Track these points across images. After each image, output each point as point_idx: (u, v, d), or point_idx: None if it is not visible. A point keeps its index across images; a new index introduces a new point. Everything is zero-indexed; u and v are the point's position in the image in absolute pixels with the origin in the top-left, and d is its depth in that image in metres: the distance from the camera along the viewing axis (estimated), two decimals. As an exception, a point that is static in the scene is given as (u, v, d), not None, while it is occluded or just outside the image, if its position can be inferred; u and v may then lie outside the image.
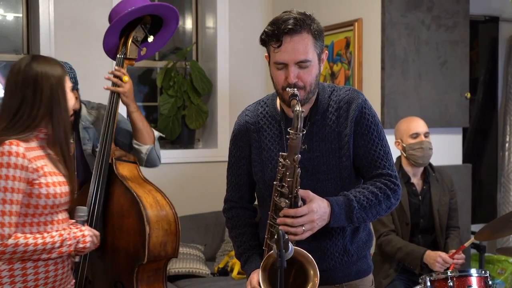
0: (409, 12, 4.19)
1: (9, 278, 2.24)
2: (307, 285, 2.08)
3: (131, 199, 3.12)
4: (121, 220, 3.15)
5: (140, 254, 3.06)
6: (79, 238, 2.36)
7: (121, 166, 3.25)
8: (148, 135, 3.31)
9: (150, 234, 3.06)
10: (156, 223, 3.10)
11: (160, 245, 3.10)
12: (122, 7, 3.26)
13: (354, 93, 2.28)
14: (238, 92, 5.15)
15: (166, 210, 3.19)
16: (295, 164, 2.08)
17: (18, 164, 2.19)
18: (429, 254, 3.54)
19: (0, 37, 4.73)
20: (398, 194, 2.27)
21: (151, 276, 3.19)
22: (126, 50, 3.28)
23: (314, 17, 2.19)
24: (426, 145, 3.68)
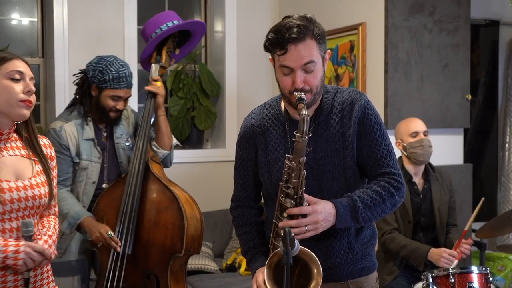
0: (411, 16, 4.19)
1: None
2: (311, 284, 2.08)
3: (170, 195, 3.24)
4: (158, 215, 3.27)
5: (177, 247, 3.18)
6: (8, 254, 2.06)
7: (154, 165, 3.36)
8: (169, 140, 3.51)
9: (187, 228, 3.20)
10: (190, 219, 3.25)
11: (192, 240, 3.25)
12: (159, 20, 3.58)
13: (357, 95, 2.28)
14: (246, 94, 5.15)
15: (195, 209, 3.34)
16: (301, 166, 2.07)
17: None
18: (434, 251, 3.53)
19: (16, 41, 4.74)
20: (402, 192, 2.26)
21: (178, 271, 3.29)
22: (161, 59, 3.55)
23: (315, 20, 2.18)
24: (426, 143, 3.69)
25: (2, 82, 2.15)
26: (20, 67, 2.19)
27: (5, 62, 2.17)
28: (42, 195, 2.21)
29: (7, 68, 2.16)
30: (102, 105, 3.36)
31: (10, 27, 4.77)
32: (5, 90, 2.15)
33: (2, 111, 2.16)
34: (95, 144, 3.39)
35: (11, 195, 2.11)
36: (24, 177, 2.19)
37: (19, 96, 2.15)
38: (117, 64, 3.34)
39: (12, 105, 2.15)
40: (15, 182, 2.15)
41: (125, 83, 3.34)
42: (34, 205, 2.19)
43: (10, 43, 4.61)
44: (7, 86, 2.15)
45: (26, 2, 4.77)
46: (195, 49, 5.25)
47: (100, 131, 3.45)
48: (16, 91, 2.15)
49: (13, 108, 2.16)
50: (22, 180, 2.17)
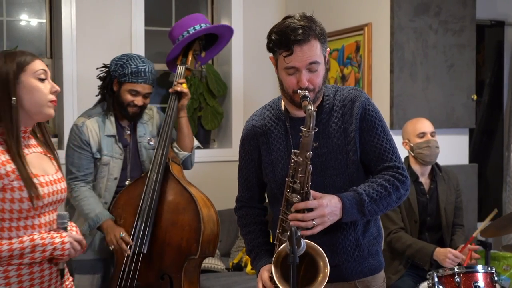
0: (417, 17, 4.18)
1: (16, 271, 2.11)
2: (318, 277, 2.08)
3: (188, 197, 3.23)
4: (176, 216, 3.26)
5: (192, 249, 3.16)
6: (57, 245, 2.11)
7: (175, 166, 3.35)
8: (190, 141, 3.52)
9: (204, 231, 3.19)
10: (207, 222, 3.23)
11: (208, 242, 3.23)
12: (186, 22, 3.60)
13: (357, 92, 2.30)
14: (252, 94, 5.15)
15: (212, 211, 3.34)
16: (307, 161, 2.09)
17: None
18: (439, 251, 3.53)
19: (25, 42, 4.75)
20: (406, 185, 2.26)
21: (192, 272, 3.28)
22: (187, 62, 3.58)
23: (315, 19, 2.20)
24: (433, 144, 3.68)
25: (31, 83, 2.14)
26: (44, 66, 2.20)
27: (30, 62, 2.16)
28: (64, 189, 2.27)
29: (33, 68, 2.16)
30: (121, 99, 3.40)
31: (19, 28, 4.79)
32: (35, 91, 2.15)
33: (31, 111, 2.16)
34: (116, 141, 3.41)
35: (48, 189, 2.16)
36: (50, 173, 2.23)
37: (48, 96, 2.17)
38: (138, 60, 3.40)
39: (42, 105, 2.16)
40: (48, 176, 2.20)
41: (143, 78, 3.36)
42: (61, 199, 2.25)
43: (19, 44, 4.62)
44: (36, 86, 2.15)
45: (34, 4, 4.79)
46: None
47: (122, 128, 3.47)
48: (45, 92, 2.16)
49: (42, 109, 2.17)
50: (49, 175, 2.21)
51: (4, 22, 4.69)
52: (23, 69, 2.13)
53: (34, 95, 2.14)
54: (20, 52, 2.18)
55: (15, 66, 2.12)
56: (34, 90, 2.14)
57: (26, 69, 2.14)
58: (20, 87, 2.13)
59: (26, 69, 2.14)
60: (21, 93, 2.13)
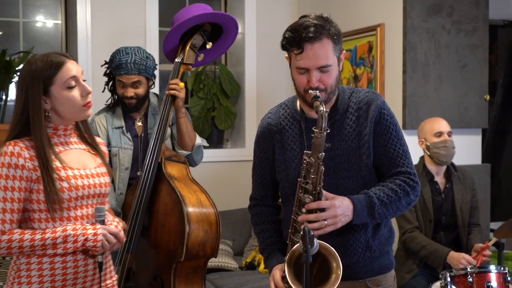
0: (430, 17, 4.16)
1: (26, 272, 2.16)
2: (330, 277, 2.08)
3: (175, 198, 3.13)
4: (165, 218, 3.18)
5: (178, 252, 3.07)
6: (88, 236, 2.15)
7: (170, 166, 3.29)
8: (190, 140, 3.43)
9: (190, 233, 3.06)
10: (196, 223, 3.10)
11: (199, 244, 3.10)
12: (184, 13, 3.36)
13: (373, 95, 2.28)
14: (265, 94, 5.15)
15: (209, 211, 3.19)
16: (319, 162, 2.08)
17: (12, 164, 2.12)
18: (453, 255, 3.50)
19: (41, 43, 4.78)
20: (417, 191, 2.26)
21: (190, 273, 3.20)
22: (184, 56, 3.36)
23: (331, 20, 2.19)
24: (449, 144, 3.66)
25: (63, 94, 2.19)
26: (72, 71, 2.21)
27: (58, 71, 2.18)
28: (106, 184, 2.31)
29: (62, 78, 2.18)
30: (117, 93, 3.42)
31: (35, 29, 4.82)
32: (67, 101, 2.19)
33: (67, 116, 2.23)
34: (124, 132, 3.41)
35: (82, 182, 2.21)
36: (89, 167, 2.28)
37: (80, 103, 2.21)
38: (123, 52, 3.35)
39: (76, 111, 2.23)
40: (84, 170, 2.24)
41: (125, 70, 3.31)
42: (100, 193, 2.28)
43: (35, 45, 4.65)
44: (67, 97, 2.19)
45: (50, 5, 4.81)
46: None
47: (132, 119, 3.47)
48: (77, 100, 2.20)
49: (77, 114, 2.24)
50: (86, 169, 2.26)
51: (20, 23, 4.72)
52: (51, 82, 2.17)
53: (66, 105, 2.20)
54: (47, 62, 2.19)
55: (43, 81, 2.16)
56: (65, 100, 2.19)
57: (54, 81, 2.18)
58: (52, 99, 2.19)
59: (54, 81, 2.18)
60: (54, 104, 2.19)
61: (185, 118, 3.41)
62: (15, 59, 4.46)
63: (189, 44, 3.35)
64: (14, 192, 2.12)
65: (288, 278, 2.07)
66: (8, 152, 2.14)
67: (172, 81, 3.34)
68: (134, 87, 3.36)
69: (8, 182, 2.12)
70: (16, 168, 2.12)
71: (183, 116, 3.39)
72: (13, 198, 2.12)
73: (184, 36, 3.38)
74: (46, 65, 2.17)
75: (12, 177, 2.12)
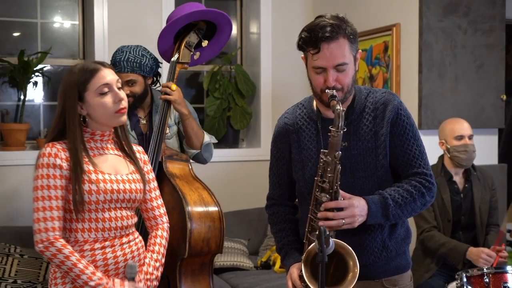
0: (446, 17, 4.13)
1: (91, 257, 2.26)
2: (347, 276, 2.07)
3: (176, 196, 3.13)
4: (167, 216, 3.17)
5: (181, 249, 3.07)
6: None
7: (171, 165, 3.28)
8: (198, 140, 3.40)
9: (192, 230, 3.06)
10: (198, 219, 3.10)
11: (202, 241, 3.10)
12: (177, 12, 3.30)
13: (390, 96, 2.28)
14: (280, 94, 5.14)
15: (211, 208, 3.18)
16: (336, 161, 2.09)
17: (51, 164, 2.23)
18: (472, 250, 3.49)
19: (58, 43, 4.81)
20: (432, 192, 2.25)
21: (196, 270, 3.19)
22: (179, 55, 3.30)
23: (347, 20, 2.19)
24: (470, 148, 3.64)
25: (95, 101, 2.28)
26: (105, 78, 2.29)
27: (91, 78, 2.27)
28: (137, 190, 2.37)
29: (95, 84, 2.27)
30: None
31: (53, 30, 4.85)
32: (100, 107, 2.28)
33: (101, 122, 2.32)
34: (129, 130, 3.36)
35: (112, 186, 2.28)
36: (122, 173, 2.36)
37: (112, 109, 2.29)
38: (119, 51, 3.33)
39: (109, 118, 2.31)
40: (114, 175, 2.32)
41: (118, 68, 3.29)
42: (130, 198, 2.34)
43: (53, 45, 4.68)
44: (100, 103, 2.28)
45: (68, 6, 4.84)
46: (231, 50, 5.27)
47: (137, 117, 3.44)
48: (109, 106, 2.28)
49: (110, 120, 2.32)
50: (118, 174, 2.34)
51: (38, 24, 4.75)
52: (85, 88, 2.28)
53: (99, 111, 2.29)
54: (82, 69, 2.29)
55: (77, 87, 2.27)
56: (98, 106, 2.29)
57: (88, 88, 2.28)
58: (86, 105, 2.29)
59: (88, 88, 2.28)
60: (89, 110, 2.29)
61: (189, 119, 3.33)
62: (33, 59, 4.50)
63: (184, 42, 3.29)
64: (57, 190, 2.23)
65: (305, 277, 2.07)
66: (46, 153, 2.25)
67: (163, 83, 3.29)
68: (129, 85, 3.30)
69: (50, 181, 2.22)
70: (55, 167, 2.23)
71: (186, 119, 3.31)
72: (57, 196, 2.22)
73: (179, 35, 3.32)
74: (81, 72, 2.28)
75: (52, 176, 2.22)
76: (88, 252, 2.26)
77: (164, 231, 2.53)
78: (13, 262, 3.93)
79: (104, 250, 2.29)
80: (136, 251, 2.39)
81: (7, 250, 3.97)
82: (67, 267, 2.20)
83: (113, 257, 2.30)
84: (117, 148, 2.42)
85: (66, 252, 2.20)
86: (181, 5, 3.35)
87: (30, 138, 4.64)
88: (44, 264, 3.98)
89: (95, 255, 2.27)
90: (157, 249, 2.47)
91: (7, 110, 4.59)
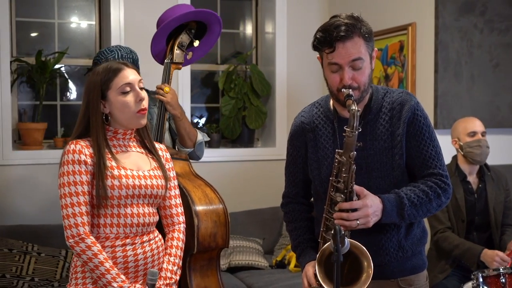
0: (462, 16, 4.10)
1: (111, 254, 2.30)
2: (361, 276, 2.06)
3: (181, 194, 3.16)
4: None
5: (190, 245, 3.10)
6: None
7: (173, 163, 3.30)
8: (190, 140, 3.43)
9: (199, 226, 3.09)
10: (204, 215, 3.13)
11: (209, 236, 3.13)
12: (168, 14, 3.35)
13: (407, 96, 2.26)
14: (296, 93, 5.14)
15: (215, 203, 3.22)
16: (351, 161, 2.08)
17: (75, 160, 2.27)
18: (487, 252, 3.45)
19: (75, 43, 4.84)
20: (448, 193, 2.24)
21: (204, 266, 3.22)
22: (172, 56, 3.33)
23: (362, 19, 2.18)
24: (483, 143, 3.62)
25: (117, 100, 2.33)
26: (128, 78, 2.34)
27: (115, 77, 2.33)
28: (158, 186, 2.41)
29: (117, 83, 2.33)
30: None
31: (70, 30, 4.87)
32: (121, 106, 2.33)
33: (122, 122, 2.37)
34: None
35: (133, 181, 2.32)
36: (143, 169, 2.40)
37: (133, 109, 2.34)
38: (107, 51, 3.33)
39: (130, 117, 2.35)
40: (136, 171, 2.36)
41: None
42: (152, 194, 2.38)
43: (70, 45, 4.71)
44: (121, 102, 2.33)
45: (84, 7, 4.87)
46: (246, 50, 5.27)
47: None
48: (130, 105, 2.33)
49: (131, 120, 2.36)
50: (142, 170, 2.39)
51: (55, 24, 4.78)
52: (108, 86, 2.33)
53: (120, 110, 2.34)
54: (106, 68, 2.36)
55: (101, 85, 2.33)
56: (119, 105, 2.33)
57: (111, 86, 2.33)
58: (108, 103, 2.34)
59: (111, 86, 2.33)
60: (111, 108, 2.35)
61: (182, 121, 3.33)
62: (50, 59, 4.52)
63: (176, 43, 3.33)
64: (83, 185, 2.27)
65: (319, 277, 2.06)
66: (70, 150, 2.29)
67: (158, 85, 3.30)
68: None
69: (76, 177, 2.27)
70: (80, 163, 2.28)
71: (179, 120, 3.32)
72: (84, 192, 2.27)
73: (171, 37, 3.36)
74: (105, 71, 2.34)
75: (78, 172, 2.27)
76: (109, 248, 2.30)
77: (180, 232, 2.55)
78: (30, 260, 3.96)
79: (124, 247, 2.32)
80: (155, 249, 2.41)
81: (24, 248, 4.00)
82: (94, 264, 2.23)
83: (133, 255, 2.33)
84: (140, 145, 2.47)
85: (95, 250, 2.24)
86: (171, 7, 3.41)
87: (47, 137, 4.67)
88: (61, 262, 4.01)
89: (116, 251, 2.30)
90: (174, 252, 2.48)
91: (24, 109, 4.62)
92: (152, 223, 2.41)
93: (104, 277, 2.24)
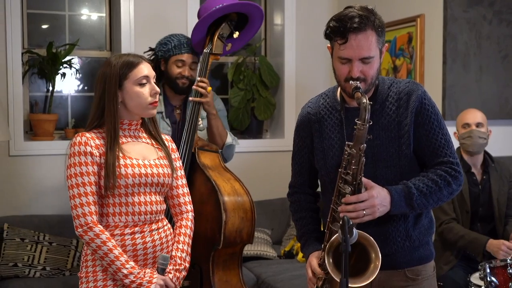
0: (470, 7, 4.08)
1: (120, 242, 2.34)
2: (369, 267, 2.06)
3: (211, 187, 3.15)
4: (201, 207, 3.17)
5: (216, 240, 3.09)
6: (143, 281, 2.30)
7: (203, 155, 3.30)
8: (220, 140, 3.42)
9: (226, 221, 3.08)
10: (232, 210, 3.12)
11: (236, 231, 3.12)
12: (211, 4, 3.33)
13: (414, 85, 2.25)
14: (304, 85, 5.13)
15: (243, 199, 3.21)
16: (361, 153, 2.07)
17: (82, 151, 2.32)
18: (492, 242, 3.45)
19: (86, 35, 4.84)
20: (459, 180, 2.22)
21: (227, 260, 3.21)
22: (212, 46, 3.35)
23: (376, 12, 2.17)
24: (475, 134, 3.61)
25: (133, 89, 2.40)
26: (145, 71, 2.42)
27: (133, 68, 2.40)
28: (164, 174, 2.45)
29: (135, 75, 2.40)
30: (170, 74, 3.40)
31: (80, 22, 4.88)
32: (136, 96, 2.40)
33: (134, 111, 2.44)
34: (163, 117, 3.41)
35: (140, 170, 2.37)
36: (149, 158, 2.45)
37: (148, 100, 2.42)
38: (180, 35, 3.42)
39: (143, 108, 2.43)
40: (142, 160, 2.41)
41: (186, 48, 3.36)
42: (159, 182, 2.43)
43: (80, 37, 4.71)
44: (137, 92, 2.40)
45: (95, -2, 4.87)
46: (255, 42, 5.26)
47: (172, 106, 3.46)
48: (145, 96, 2.41)
49: (144, 110, 2.44)
50: (147, 160, 2.43)
51: (66, 16, 4.78)
52: (126, 76, 2.39)
53: (135, 100, 2.41)
54: (125, 60, 2.41)
55: (119, 75, 2.39)
56: (135, 95, 2.40)
57: (129, 76, 2.40)
58: (124, 92, 2.40)
59: (129, 76, 2.40)
60: (125, 98, 2.41)
61: (215, 119, 3.37)
62: (61, 51, 4.53)
63: (216, 34, 3.35)
64: (90, 176, 2.31)
65: (328, 268, 2.06)
66: (77, 142, 2.34)
67: (200, 79, 3.30)
68: (191, 68, 3.38)
69: (83, 168, 2.31)
70: (86, 155, 2.32)
71: (213, 118, 3.36)
72: (91, 182, 2.31)
73: (211, 28, 3.36)
74: (124, 62, 2.40)
75: (84, 163, 2.32)
76: (118, 237, 2.33)
77: (188, 220, 2.57)
78: (42, 250, 3.99)
79: (133, 235, 2.35)
80: (164, 237, 2.44)
81: (36, 238, 4.03)
82: (103, 252, 2.27)
83: (142, 243, 2.36)
84: (145, 136, 2.51)
85: (104, 238, 2.28)
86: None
87: (58, 128, 4.69)
88: (72, 251, 4.03)
89: (125, 240, 2.33)
90: (183, 239, 2.51)
91: (36, 101, 4.63)
92: (160, 211, 2.44)
93: (113, 264, 2.27)
